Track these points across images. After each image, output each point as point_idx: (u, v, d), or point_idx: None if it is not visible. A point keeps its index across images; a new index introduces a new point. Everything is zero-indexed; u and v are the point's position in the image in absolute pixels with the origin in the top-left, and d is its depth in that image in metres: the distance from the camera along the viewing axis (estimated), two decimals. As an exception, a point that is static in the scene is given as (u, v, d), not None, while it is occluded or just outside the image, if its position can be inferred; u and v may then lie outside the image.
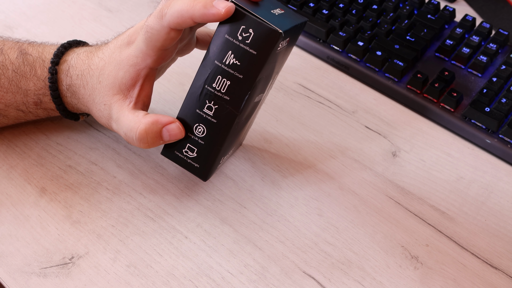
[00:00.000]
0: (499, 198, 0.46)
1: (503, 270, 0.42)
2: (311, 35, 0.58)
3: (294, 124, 0.51)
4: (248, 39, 0.36)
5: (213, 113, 0.39)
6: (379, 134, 0.51)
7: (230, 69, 0.37)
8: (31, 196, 0.44)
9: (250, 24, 0.36)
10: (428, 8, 0.58)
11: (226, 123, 0.39)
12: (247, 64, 0.37)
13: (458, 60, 0.54)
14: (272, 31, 0.35)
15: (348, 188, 0.46)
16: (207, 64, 0.38)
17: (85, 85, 0.41)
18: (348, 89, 0.55)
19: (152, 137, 0.39)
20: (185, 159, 0.41)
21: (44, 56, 0.43)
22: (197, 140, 0.40)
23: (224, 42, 0.37)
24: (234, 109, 0.38)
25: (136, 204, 0.44)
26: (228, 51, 0.37)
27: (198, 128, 0.39)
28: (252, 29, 0.36)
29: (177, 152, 0.41)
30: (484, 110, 0.49)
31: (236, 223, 0.43)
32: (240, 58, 0.37)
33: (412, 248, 0.42)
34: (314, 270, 0.41)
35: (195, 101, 0.39)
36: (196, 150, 0.40)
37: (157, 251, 0.41)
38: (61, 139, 0.48)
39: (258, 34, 0.36)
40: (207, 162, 0.40)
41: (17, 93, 0.43)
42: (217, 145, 0.40)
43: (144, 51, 0.39)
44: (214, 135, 0.39)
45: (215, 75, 0.38)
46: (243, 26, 0.36)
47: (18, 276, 0.39)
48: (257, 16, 0.36)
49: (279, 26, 0.36)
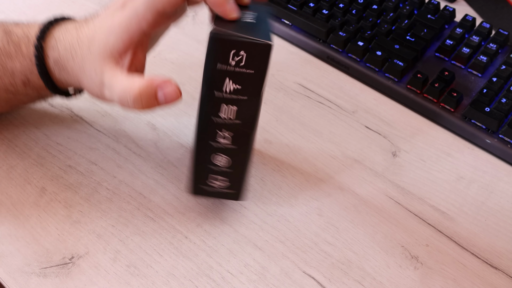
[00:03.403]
0: (499, 198, 0.46)
1: (503, 270, 0.42)
2: (311, 35, 0.58)
3: (294, 124, 0.51)
4: (242, 61, 0.35)
5: (231, 141, 0.38)
6: (379, 134, 0.51)
7: (232, 95, 0.36)
8: (31, 196, 0.44)
9: (240, 46, 0.34)
10: (428, 8, 0.58)
11: (246, 144, 0.38)
12: (248, 84, 0.36)
13: (458, 60, 0.54)
14: (263, 46, 0.34)
15: (348, 188, 0.46)
16: (207, 97, 0.36)
17: (74, 57, 0.40)
18: (348, 89, 0.55)
19: (146, 98, 0.36)
20: (219, 191, 0.41)
21: (29, 34, 0.41)
22: (224, 170, 0.40)
23: (218, 72, 0.35)
24: (249, 129, 0.38)
25: (136, 204, 0.44)
26: (225, 79, 0.35)
27: (219, 159, 0.39)
28: (243, 51, 0.34)
29: (207, 187, 0.41)
30: (484, 110, 0.49)
31: (236, 223, 0.43)
32: (240, 82, 0.36)
33: (412, 248, 0.42)
34: (314, 270, 0.41)
35: (206, 134, 0.38)
36: (227, 180, 0.40)
37: (157, 251, 0.41)
38: (61, 139, 0.48)
39: (251, 53, 0.34)
40: (241, 184, 0.41)
41: (4, 74, 0.41)
42: (245, 167, 0.40)
43: (141, 14, 0.37)
44: (239, 160, 0.39)
45: (219, 105, 0.37)
46: (233, 50, 0.34)
47: (18, 276, 0.39)
48: (243, 36, 0.34)
49: (265, 36, 0.35)
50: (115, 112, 0.50)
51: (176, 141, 0.49)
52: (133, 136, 0.49)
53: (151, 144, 0.48)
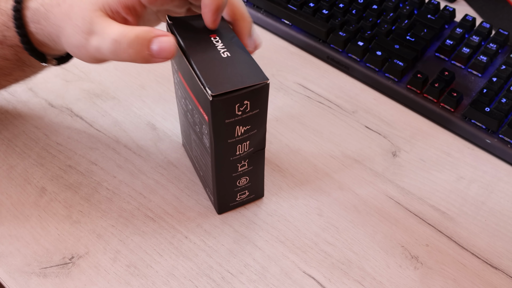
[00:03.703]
0: (499, 198, 0.46)
1: (503, 270, 0.42)
2: (311, 35, 0.58)
3: (294, 124, 0.51)
4: (247, 108, 0.35)
5: (248, 164, 0.39)
6: (379, 134, 0.51)
7: (244, 135, 0.36)
8: (31, 196, 0.44)
9: (243, 98, 0.34)
10: (428, 8, 0.58)
11: (260, 159, 0.40)
12: (256, 121, 0.36)
13: (458, 60, 0.54)
14: (261, 87, 0.34)
15: (348, 188, 0.46)
16: (221, 146, 0.36)
17: (60, 3, 0.37)
18: (348, 89, 0.55)
19: (140, 42, 0.35)
20: (242, 200, 0.43)
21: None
22: (246, 185, 0.42)
23: (227, 126, 0.35)
24: (261, 147, 0.39)
25: (136, 204, 0.44)
26: (235, 128, 0.35)
27: (241, 180, 0.41)
28: (246, 100, 0.34)
29: (234, 203, 0.43)
30: (484, 110, 0.49)
31: (236, 223, 0.43)
32: (249, 123, 0.36)
33: (412, 248, 0.42)
34: (314, 270, 0.41)
35: (227, 169, 0.39)
36: (247, 191, 0.43)
37: (157, 251, 0.41)
38: (61, 139, 0.48)
39: (253, 98, 0.34)
40: (259, 187, 0.43)
41: None
42: (262, 174, 0.42)
43: None
44: (256, 172, 0.41)
45: (234, 147, 0.37)
46: (237, 104, 0.34)
47: (18, 276, 0.39)
48: (242, 88, 0.33)
49: (255, 71, 0.34)
50: (115, 112, 0.50)
51: (176, 141, 0.49)
52: (133, 136, 0.49)
53: (151, 144, 0.48)
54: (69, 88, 0.52)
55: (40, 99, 0.51)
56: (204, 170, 0.42)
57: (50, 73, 0.53)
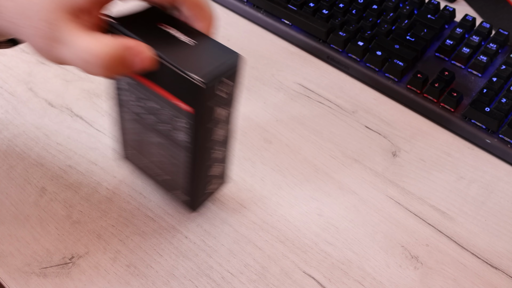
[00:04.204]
0: (499, 198, 0.46)
1: (503, 270, 0.42)
2: (311, 35, 0.58)
3: (294, 124, 0.51)
4: (230, 88, 0.35)
5: (222, 151, 0.39)
6: (379, 134, 0.51)
7: (225, 117, 0.36)
8: (31, 196, 0.44)
9: (228, 78, 0.34)
10: (428, 8, 0.58)
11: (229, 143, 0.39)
12: (234, 100, 0.36)
13: (458, 60, 0.54)
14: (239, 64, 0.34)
15: (348, 188, 0.46)
16: (206, 131, 0.36)
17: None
18: (348, 89, 0.55)
19: (120, 63, 0.32)
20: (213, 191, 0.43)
21: None
22: (218, 174, 0.41)
23: (213, 111, 0.35)
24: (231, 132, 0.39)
25: (136, 204, 0.44)
26: (220, 111, 0.35)
27: (214, 169, 0.40)
28: (230, 80, 0.34)
29: (205, 196, 0.42)
30: (484, 110, 0.49)
31: (236, 223, 0.43)
32: (229, 104, 0.36)
33: (412, 248, 0.42)
34: (314, 270, 0.41)
35: (203, 159, 0.38)
36: (220, 179, 0.42)
37: (157, 251, 0.41)
38: (61, 139, 0.48)
39: (235, 77, 0.34)
40: (227, 172, 0.42)
41: None
42: (229, 158, 0.41)
43: None
44: (226, 157, 0.40)
45: (217, 131, 0.37)
46: (222, 86, 0.34)
47: (18, 276, 0.39)
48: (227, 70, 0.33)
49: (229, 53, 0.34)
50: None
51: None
52: (133, 136, 0.49)
53: (151, 144, 0.48)
54: (69, 88, 0.52)
55: (40, 99, 0.51)
56: (172, 171, 0.40)
57: (50, 73, 0.53)
